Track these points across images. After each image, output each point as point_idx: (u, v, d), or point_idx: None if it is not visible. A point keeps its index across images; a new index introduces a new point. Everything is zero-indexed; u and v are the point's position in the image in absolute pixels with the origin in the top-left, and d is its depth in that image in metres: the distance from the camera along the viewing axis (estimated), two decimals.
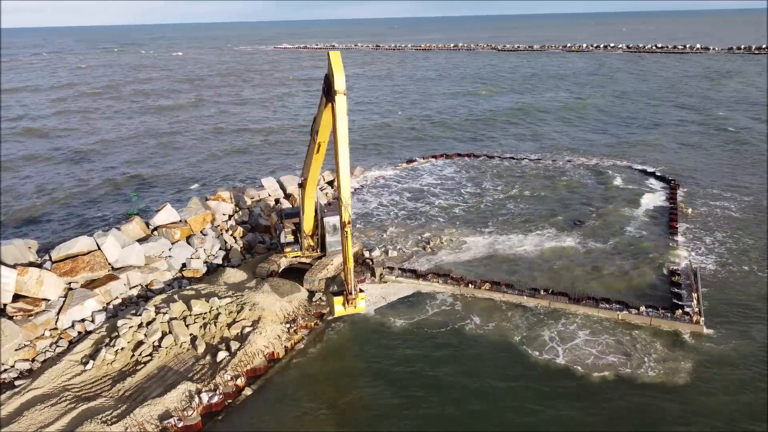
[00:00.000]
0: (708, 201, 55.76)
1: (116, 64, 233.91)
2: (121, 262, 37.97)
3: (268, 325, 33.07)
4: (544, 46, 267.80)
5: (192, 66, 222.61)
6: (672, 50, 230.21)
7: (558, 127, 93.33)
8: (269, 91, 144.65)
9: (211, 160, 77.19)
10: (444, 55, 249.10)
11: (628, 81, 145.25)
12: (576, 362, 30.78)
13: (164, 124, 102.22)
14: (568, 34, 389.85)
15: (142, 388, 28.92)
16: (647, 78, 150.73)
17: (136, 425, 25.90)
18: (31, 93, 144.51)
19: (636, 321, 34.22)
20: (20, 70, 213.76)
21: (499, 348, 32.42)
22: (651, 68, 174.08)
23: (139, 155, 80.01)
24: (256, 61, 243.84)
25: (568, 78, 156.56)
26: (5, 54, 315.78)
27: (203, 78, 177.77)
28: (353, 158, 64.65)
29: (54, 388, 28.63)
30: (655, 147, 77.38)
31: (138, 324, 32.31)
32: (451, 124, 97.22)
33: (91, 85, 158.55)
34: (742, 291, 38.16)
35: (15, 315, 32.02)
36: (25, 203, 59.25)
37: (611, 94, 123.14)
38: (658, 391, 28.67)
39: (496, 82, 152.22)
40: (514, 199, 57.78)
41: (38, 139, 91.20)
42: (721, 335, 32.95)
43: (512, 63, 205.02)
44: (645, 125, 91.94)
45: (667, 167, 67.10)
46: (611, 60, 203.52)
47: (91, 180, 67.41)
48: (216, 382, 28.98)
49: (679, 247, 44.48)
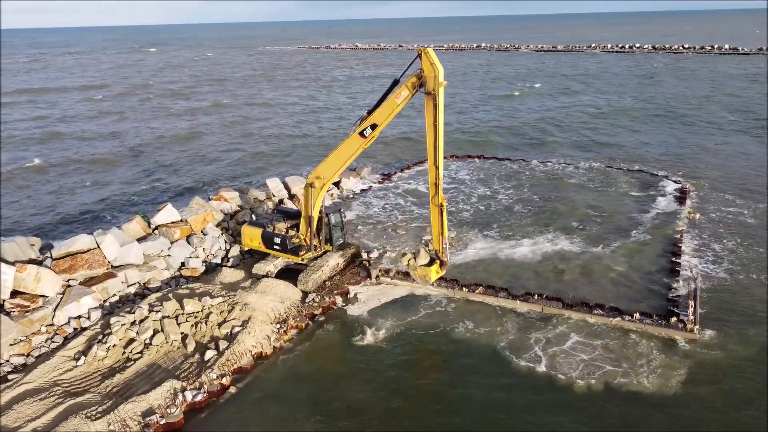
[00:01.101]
0: (722, 207, 54.41)
1: (143, 64, 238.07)
2: (119, 260, 38.71)
3: (257, 325, 33.39)
4: (572, 46, 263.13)
5: (219, 66, 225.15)
6: (700, 50, 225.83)
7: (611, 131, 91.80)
8: (291, 92, 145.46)
9: (225, 161, 78.15)
10: (468, 55, 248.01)
11: (670, 82, 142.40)
12: (564, 370, 30.31)
13: (184, 123, 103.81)
14: (592, 34, 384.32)
15: (130, 384, 29.46)
16: (687, 79, 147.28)
17: (119, 421, 26.40)
18: (56, 93, 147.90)
19: (629, 327, 33.66)
20: (49, 70, 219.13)
21: (487, 354, 32.05)
22: (690, 68, 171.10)
23: (157, 156, 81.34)
24: (283, 61, 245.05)
25: (603, 78, 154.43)
26: (35, 54, 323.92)
27: (229, 79, 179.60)
28: (364, 159, 66.01)
29: (45, 382, 29.32)
30: (680, 149, 76.11)
31: (131, 322, 32.91)
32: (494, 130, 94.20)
33: (121, 85, 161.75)
34: (745, 300, 37.10)
35: (12, 311, 32.89)
36: (36, 201, 60.81)
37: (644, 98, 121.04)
38: (648, 400, 28.04)
39: (533, 83, 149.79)
40: (521, 201, 57.21)
41: (57, 139, 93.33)
42: (717, 344, 32.19)
43: (548, 63, 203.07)
44: (688, 129, 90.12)
45: (688, 170, 65.89)
46: (652, 61, 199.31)
47: (105, 179, 68.82)
48: (201, 380, 29.39)
49: (683, 254, 43.57)
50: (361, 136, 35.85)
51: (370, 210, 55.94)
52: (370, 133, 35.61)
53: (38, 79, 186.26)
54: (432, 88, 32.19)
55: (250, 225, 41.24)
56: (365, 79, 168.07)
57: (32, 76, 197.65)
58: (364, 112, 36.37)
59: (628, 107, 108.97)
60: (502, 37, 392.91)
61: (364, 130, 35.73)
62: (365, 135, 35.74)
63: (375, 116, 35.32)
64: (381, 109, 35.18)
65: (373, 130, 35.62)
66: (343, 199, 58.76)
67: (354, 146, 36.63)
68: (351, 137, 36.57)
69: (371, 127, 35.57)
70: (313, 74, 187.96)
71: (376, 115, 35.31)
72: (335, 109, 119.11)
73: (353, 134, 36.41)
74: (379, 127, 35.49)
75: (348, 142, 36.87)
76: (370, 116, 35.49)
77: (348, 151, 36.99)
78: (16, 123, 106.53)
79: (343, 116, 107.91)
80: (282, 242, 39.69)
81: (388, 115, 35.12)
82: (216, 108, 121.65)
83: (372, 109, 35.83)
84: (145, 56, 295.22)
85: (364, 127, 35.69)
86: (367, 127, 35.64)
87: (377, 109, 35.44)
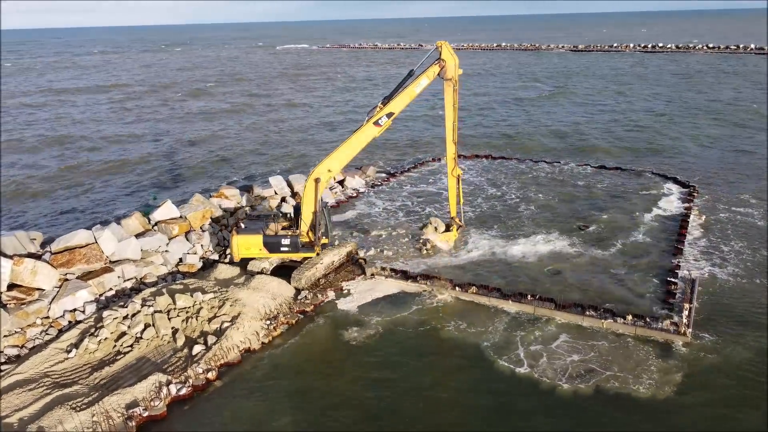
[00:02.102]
0: (731, 208, 53.36)
1: (167, 64, 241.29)
2: (117, 255, 39.33)
3: (246, 321, 33.66)
4: (599, 46, 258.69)
5: (241, 66, 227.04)
6: (724, 50, 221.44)
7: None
8: (312, 92, 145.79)
9: (240, 159, 78.90)
10: (496, 55, 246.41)
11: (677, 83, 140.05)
12: (549, 373, 29.84)
13: (200, 122, 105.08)
14: (620, 34, 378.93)
15: (118, 377, 29.92)
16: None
17: (103, 413, 26.84)
18: (75, 94, 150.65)
19: (621, 330, 33.15)
20: (74, 69, 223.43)
21: (473, 354, 31.77)
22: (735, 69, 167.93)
23: (172, 155, 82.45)
24: (303, 61, 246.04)
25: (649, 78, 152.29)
26: (61, 53, 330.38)
27: (251, 78, 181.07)
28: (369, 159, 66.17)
29: (36, 373, 29.93)
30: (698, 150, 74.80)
31: (123, 316, 33.42)
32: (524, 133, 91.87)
33: (144, 85, 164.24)
34: (745, 304, 36.21)
35: (8, 303, 33.64)
36: (47, 198, 62.11)
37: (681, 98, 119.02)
38: (635, 405, 27.58)
39: (566, 83, 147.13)
40: (526, 201, 56.59)
41: (75, 138, 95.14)
42: (710, 348, 31.52)
43: (581, 63, 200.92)
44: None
45: (701, 173, 64.78)
46: (690, 61, 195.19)
47: (118, 179, 69.96)
48: (187, 374, 29.73)
49: (684, 256, 42.76)
50: (375, 125, 37.59)
51: (372, 209, 55.90)
52: (386, 122, 37.61)
53: (63, 78, 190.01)
54: (452, 75, 37.49)
55: (243, 234, 39.47)
56: (386, 79, 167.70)
57: (58, 75, 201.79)
58: (379, 102, 37.95)
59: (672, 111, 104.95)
60: (529, 36, 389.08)
61: (380, 119, 37.46)
62: (380, 124, 37.56)
63: (392, 105, 37.48)
64: (399, 98, 37.44)
65: (388, 119, 37.61)
66: (347, 198, 58.85)
67: (368, 135, 38.13)
68: (365, 126, 37.84)
69: (387, 116, 37.52)
70: (332, 73, 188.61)
71: (393, 104, 37.44)
72: (350, 111, 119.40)
73: (368, 123, 37.79)
74: (394, 115, 37.80)
75: (362, 131, 38.00)
76: (386, 105, 37.27)
77: (361, 141, 38.35)
78: (43, 122, 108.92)
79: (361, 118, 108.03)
80: (292, 242, 39.59)
81: (406, 103, 38.24)
82: (238, 107, 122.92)
83: (387, 98, 37.51)
84: (170, 55, 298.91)
85: (380, 116, 37.44)
86: (383, 116, 37.41)
87: (394, 98, 37.29)
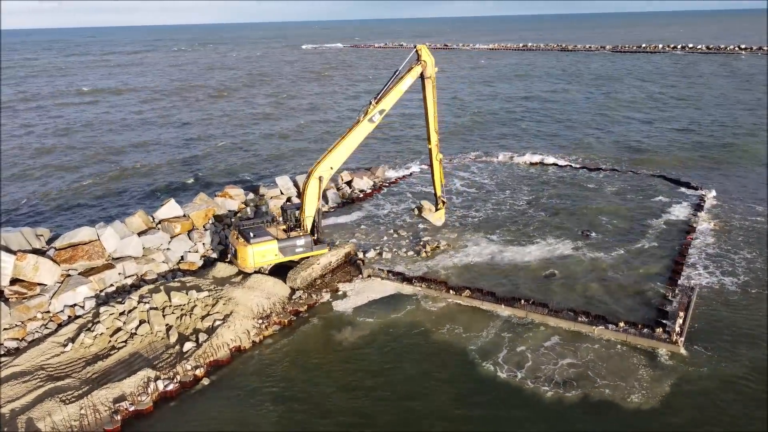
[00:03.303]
0: (746, 216, 52.11)
1: (195, 63, 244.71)
2: (119, 252, 40.23)
3: (238, 320, 34.14)
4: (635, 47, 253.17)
5: (266, 65, 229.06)
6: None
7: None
8: (337, 92, 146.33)
9: (255, 159, 79.85)
10: (536, 55, 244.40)
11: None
12: (536, 380, 29.69)
13: (219, 122, 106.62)
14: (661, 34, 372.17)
15: (110, 371, 30.67)
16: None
17: (91, 406, 27.55)
18: (111, 95, 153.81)
19: (612, 337, 32.75)
20: (110, 68, 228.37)
21: (462, 359, 31.72)
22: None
23: (188, 156, 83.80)
24: (334, 60, 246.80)
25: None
26: (105, 53, 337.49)
27: (273, 77, 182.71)
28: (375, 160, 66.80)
29: (32, 366, 30.84)
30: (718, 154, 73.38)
31: (120, 312, 34.20)
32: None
33: (174, 84, 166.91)
34: (747, 317, 35.37)
35: (11, 297, 34.70)
36: (60, 196, 63.75)
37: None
38: (616, 413, 27.34)
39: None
40: (534, 205, 56.07)
41: (96, 139, 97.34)
42: (701, 359, 30.98)
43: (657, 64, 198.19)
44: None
45: (720, 176, 63.57)
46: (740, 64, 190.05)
47: (132, 178, 71.40)
48: (176, 370, 30.30)
49: (692, 264, 41.98)
50: (370, 122, 40.79)
51: (378, 210, 56.09)
52: (378, 118, 41.18)
53: (100, 76, 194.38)
54: (430, 74, 42.55)
55: (254, 243, 38.42)
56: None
57: (95, 73, 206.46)
58: (372, 99, 41.13)
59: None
60: (567, 37, 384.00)
61: (374, 115, 40.75)
62: (374, 120, 41.01)
63: (384, 103, 41.14)
64: (389, 96, 41.19)
65: (380, 115, 41.17)
66: (353, 200, 59.10)
67: (364, 132, 41.18)
68: (360, 124, 40.73)
69: (379, 113, 40.98)
70: (353, 72, 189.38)
71: (384, 102, 41.14)
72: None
73: (363, 121, 40.69)
74: (385, 111, 41.50)
75: (358, 129, 40.68)
76: (378, 103, 40.84)
77: (358, 137, 41.17)
78: (65, 122, 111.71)
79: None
80: (306, 242, 40.13)
81: (395, 100, 41.59)
82: (260, 107, 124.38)
83: (378, 97, 40.96)
84: (200, 55, 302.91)
85: (374, 112, 40.77)
86: (376, 112, 40.70)
87: (385, 97, 40.99)
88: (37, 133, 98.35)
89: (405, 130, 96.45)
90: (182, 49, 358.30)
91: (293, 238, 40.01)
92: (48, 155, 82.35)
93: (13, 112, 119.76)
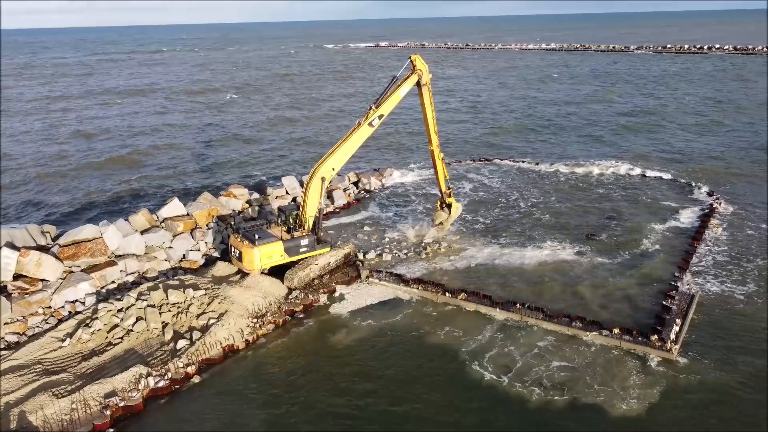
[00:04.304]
0: (760, 224, 50.93)
1: (219, 62, 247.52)
2: (121, 250, 40.92)
3: (232, 319, 34.49)
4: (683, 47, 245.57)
5: (291, 64, 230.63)
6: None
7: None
8: (359, 92, 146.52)
9: (268, 157, 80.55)
10: (571, 56, 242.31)
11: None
12: (527, 384, 29.45)
13: (238, 122, 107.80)
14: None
15: (105, 367, 31.20)
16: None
17: (82, 400, 28.08)
18: (143, 94, 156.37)
19: (606, 343, 32.36)
20: (135, 69, 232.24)
21: (455, 365, 31.42)
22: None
23: (204, 157, 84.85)
24: (357, 60, 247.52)
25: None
26: (142, 51, 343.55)
27: (297, 76, 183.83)
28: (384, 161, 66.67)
29: (30, 360, 31.53)
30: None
31: (118, 308, 34.79)
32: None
33: (203, 84, 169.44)
34: (748, 325, 34.59)
35: (13, 292, 35.52)
36: (72, 193, 65.05)
37: None
38: (607, 419, 27.05)
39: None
40: (541, 209, 55.50)
41: (115, 140, 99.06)
42: (696, 368, 30.40)
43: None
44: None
45: (734, 181, 62.29)
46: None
47: (147, 178, 72.57)
48: (167, 367, 30.74)
49: (691, 270, 41.25)
50: (370, 125, 41.75)
51: (383, 212, 56.14)
52: (377, 122, 42.12)
53: (129, 76, 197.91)
54: (426, 81, 43.75)
55: (260, 245, 38.66)
56: None
57: (130, 71, 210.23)
58: (371, 104, 42.28)
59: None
60: (603, 36, 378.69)
61: (373, 120, 41.66)
62: (373, 125, 41.94)
63: (383, 108, 42.19)
64: (388, 101, 42.31)
65: (379, 120, 42.10)
66: (358, 200, 59.29)
67: (363, 135, 42.19)
68: (361, 128, 41.79)
69: (378, 118, 41.94)
70: (373, 74, 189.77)
71: (383, 107, 42.20)
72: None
73: (363, 125, 41.73)
74: (384, 116, 42.58)
75: (358, 132, 41.74)
76: (378, 108, 41.90)
77: (358, 140, 42.16)
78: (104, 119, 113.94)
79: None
80: (310, 242, 40.55)
81: (393, 106, 43.01)
82: (280, 108, 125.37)
83: (378, 102, 42.08)
84: (228, 54, 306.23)
85: (373, 117, 41.75)
86: (375, 117, 41.67)
87: (384, 102, 42.09)
88: (58, 131, 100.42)
89: (416, 135, 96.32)
90: (207, 48, 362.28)
91: (297, 238, 40.30)
92: (65, 153, 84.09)
93: (41, 111, 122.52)
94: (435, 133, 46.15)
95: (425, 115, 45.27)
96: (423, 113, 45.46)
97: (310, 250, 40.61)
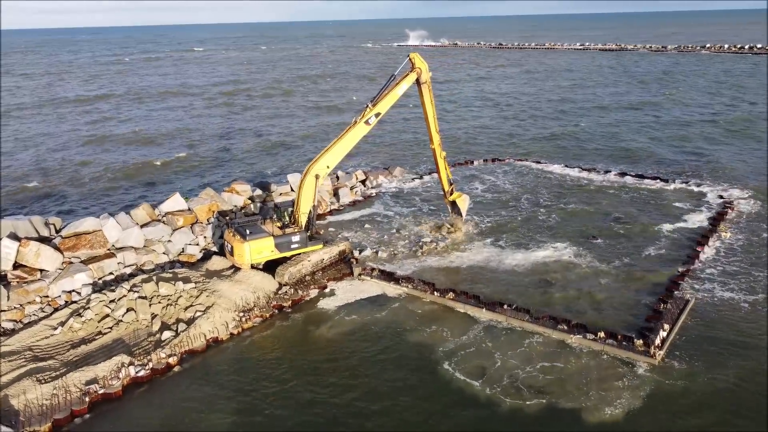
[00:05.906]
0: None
1: (250, 62, 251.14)
2: (121, 242, 41.98)
3: (218, 312, 35.05)
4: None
5: (327, 63, 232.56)
6: None
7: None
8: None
9: (283, 157, 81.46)
10: (600, 56, 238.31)
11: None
12: (504, 387, 29.02)
13: (256, 122, 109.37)
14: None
15: (91, 356, 32.09)
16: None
17: (63, 387, 28.95)
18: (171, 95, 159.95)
19: (590, 346, 31.72)
20: (179, 66, 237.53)
21: (431, 365, 31.16)
22: None
23: (220, 158, 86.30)
24: (394, 58, 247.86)
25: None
26: (178, 50, 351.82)
27: (330, 76, 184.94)
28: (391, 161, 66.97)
29: (21, 346, 32.62)
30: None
31: (111, 299, 35.72)
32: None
33: (227, 86, 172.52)
34: (741, 332, 33.42)
35: (12, 281, 36.83)
36: (86, 189, 67.00)
37: None
38: (585, 426, 26.50)
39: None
40: (546, 210, 54.66)
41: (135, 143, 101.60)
42: (680, 374, 29.52)
43: None
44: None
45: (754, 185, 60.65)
46: None
47: (157, 174, 74.28)
48: (149, 357, 31.43)
49: (690, 275, 40.08)
50: (366, 123, 42.06)
51: (386, 210, 56.15)
52: (374, 121, 42.36)
53: (158, 75, 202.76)
54: (425, 79, 43.72)
55: (250, 239, 39.00)
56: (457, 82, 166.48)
57: (158, 70, 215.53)
58: (368, 102, 42.41)
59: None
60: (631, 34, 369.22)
61: (370, 118, 41.94)
62: (370, 123, 42.22)
63: (379, 106, 42.20)
64: (386, 100, 42.31)
65: (376, 118, 42.24)
66: (364, 197, 59.46)
67: (360, 134, 42.43)
68: (357, 126, 42.02)
69: (375, 116, 42.07)
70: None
71: (380, 105, 42.23)
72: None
73: (359, 123, 41.95)
74: (381, 115, 42.42)
75: (354, 130, 41.99)
76: (375, 106, 41.89)
77: (354, 138, 42.40)
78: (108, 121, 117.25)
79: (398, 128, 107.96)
80: (302, 238, 40.90)
81: (391, 104, 42.74)
82: (305, 107, 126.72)
83: (375, 100, 42.13)
84: (264, 54, 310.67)
85: (370, 115, 41.96)
86: (372, 115, 41.84)
87: (381, 101, 42.07)
88: (82, 128, 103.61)
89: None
90: (244, 47, 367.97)
91: (289, 234, 40.68)
92: (90, 150, 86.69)
93: (74, 109, 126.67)
94: (436, 132, 46.10)
95: (425, 114, 45.33)
96: (423, 111, 45.49)
97: (302, 247, 40.90)
